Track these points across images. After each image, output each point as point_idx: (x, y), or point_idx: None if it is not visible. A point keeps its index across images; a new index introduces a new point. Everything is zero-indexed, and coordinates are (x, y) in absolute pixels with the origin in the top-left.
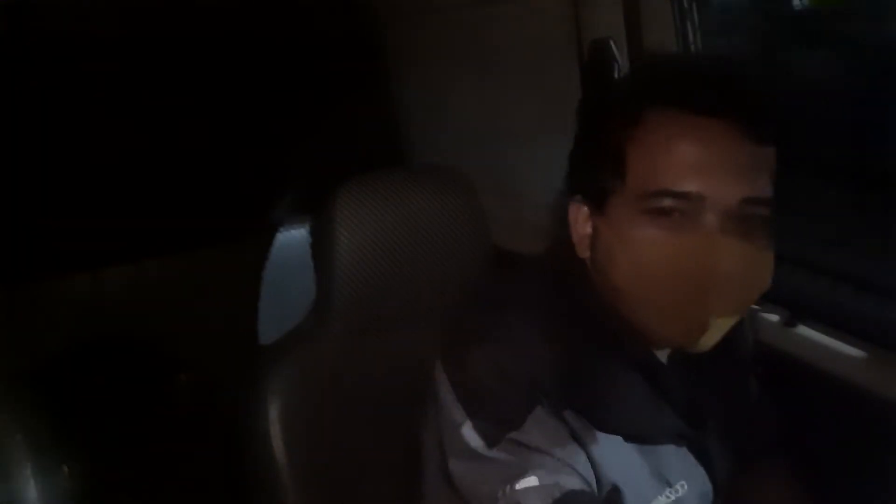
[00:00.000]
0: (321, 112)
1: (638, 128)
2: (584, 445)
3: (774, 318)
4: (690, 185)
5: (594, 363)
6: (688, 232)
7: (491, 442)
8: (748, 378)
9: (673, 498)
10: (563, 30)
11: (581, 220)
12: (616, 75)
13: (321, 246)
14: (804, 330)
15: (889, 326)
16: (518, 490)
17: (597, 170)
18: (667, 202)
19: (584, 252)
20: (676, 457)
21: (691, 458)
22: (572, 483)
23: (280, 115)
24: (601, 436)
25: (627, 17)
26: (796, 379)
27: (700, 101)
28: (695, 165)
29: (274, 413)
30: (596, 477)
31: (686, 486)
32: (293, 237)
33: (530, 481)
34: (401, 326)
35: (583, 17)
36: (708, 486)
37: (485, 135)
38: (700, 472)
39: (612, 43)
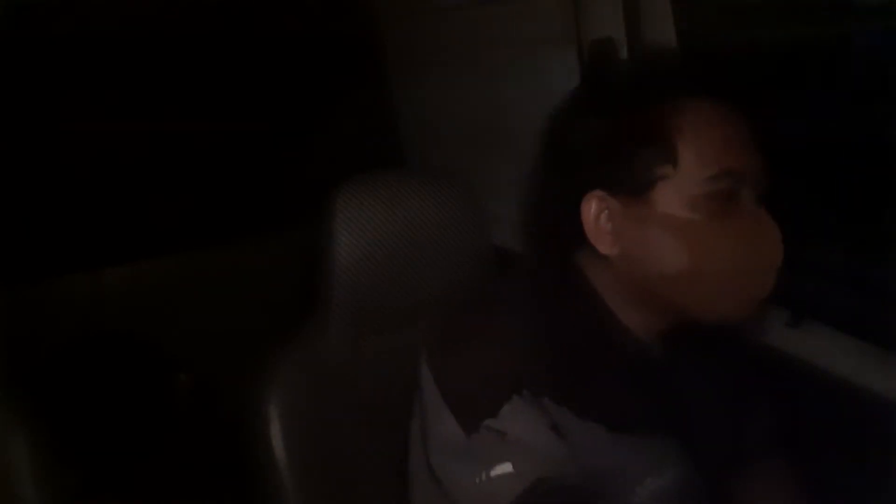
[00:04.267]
0: (320, 112)
1: (682, 116)
2: (563, 434)
3: (776, 318)
4: (739, 164)
5: (578, 354)
6: (738, 209)
7: (468, 430)
8: (741, 372)
9: (656, 486)
10: (563, 30)
11: (602, 215)
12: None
13: (321, 246)
14: (805, 330)
15: (889, 326)
16: (493, 477)
17: (636, 160)
18: (722, 183)
19: (610, 248)
20: (661, 445)
21: (677, 449)
22: (547, 470)
23: (279, 115)
24: (582, 425)
25: (627, 17)
26: (797, 379)
27: (722, 91)
28: (735, 144)
29: (274, 413)
30: (576, 465)
31: (671, 475)
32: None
33: (505, 468)
34: (401, 327)
35: (583, 17)
36: (693, 478)
37: (484, 135)
38: (686, 461)
39: (613, 42)
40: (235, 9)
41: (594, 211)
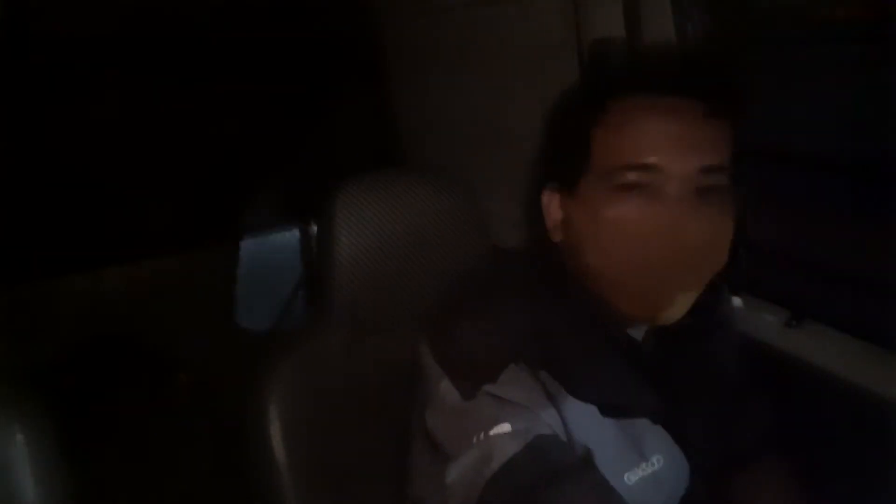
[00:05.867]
0: (320, 112)
1: (603, 112)
2: (557, 405)
3: (774, 318)
4: (650, 158)
5: (571, 336)
6: (652, 204)
7: (466, 395)
8: (732, 365)
9: (647, 472)
10: (563, 30)
11: (553, 206)
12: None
13: (321, 246)
14: (804, 330)
15: (889, 326)
16: (492, 436)
17: (566, 155)
18: (630, 176)
19: (557, 236)
20: (653, 433)
21: (668, 436)
22: (545, 430)
23: (279, 114)
24: (576, 402)
25: (627, 17)
26: (796, 379)
27: (654, 82)
28: (653, 139)
29: (274, 413)
30: (568, 437)
31: (661, 463)
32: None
33: (504, 427)
34: (400, 326)
35: (583, 17)
36: (685, 465)
37: (484, 135)
38: (677, 451)
39: (612, 43)
40: (236, 9)
41: (547, 202)
